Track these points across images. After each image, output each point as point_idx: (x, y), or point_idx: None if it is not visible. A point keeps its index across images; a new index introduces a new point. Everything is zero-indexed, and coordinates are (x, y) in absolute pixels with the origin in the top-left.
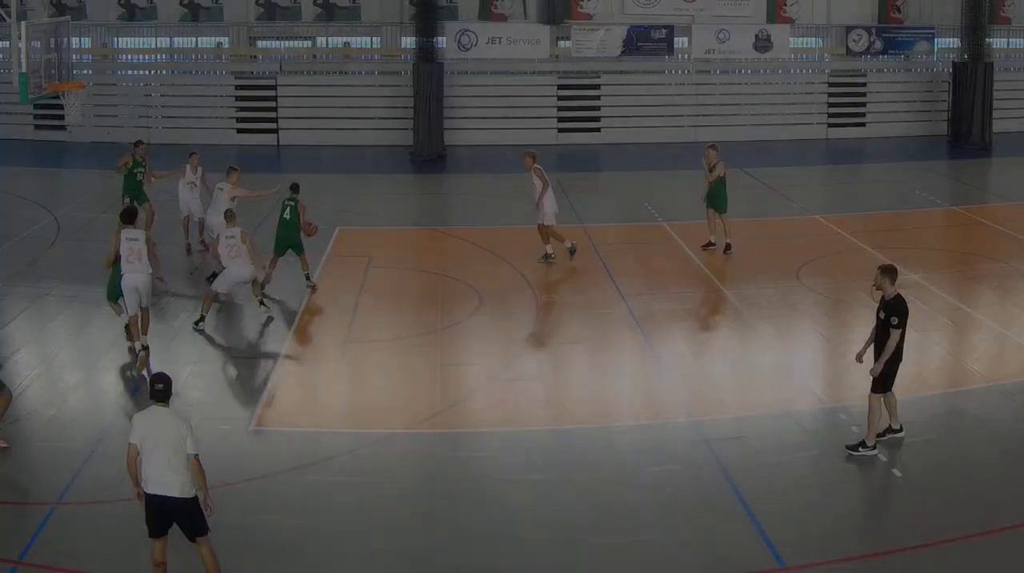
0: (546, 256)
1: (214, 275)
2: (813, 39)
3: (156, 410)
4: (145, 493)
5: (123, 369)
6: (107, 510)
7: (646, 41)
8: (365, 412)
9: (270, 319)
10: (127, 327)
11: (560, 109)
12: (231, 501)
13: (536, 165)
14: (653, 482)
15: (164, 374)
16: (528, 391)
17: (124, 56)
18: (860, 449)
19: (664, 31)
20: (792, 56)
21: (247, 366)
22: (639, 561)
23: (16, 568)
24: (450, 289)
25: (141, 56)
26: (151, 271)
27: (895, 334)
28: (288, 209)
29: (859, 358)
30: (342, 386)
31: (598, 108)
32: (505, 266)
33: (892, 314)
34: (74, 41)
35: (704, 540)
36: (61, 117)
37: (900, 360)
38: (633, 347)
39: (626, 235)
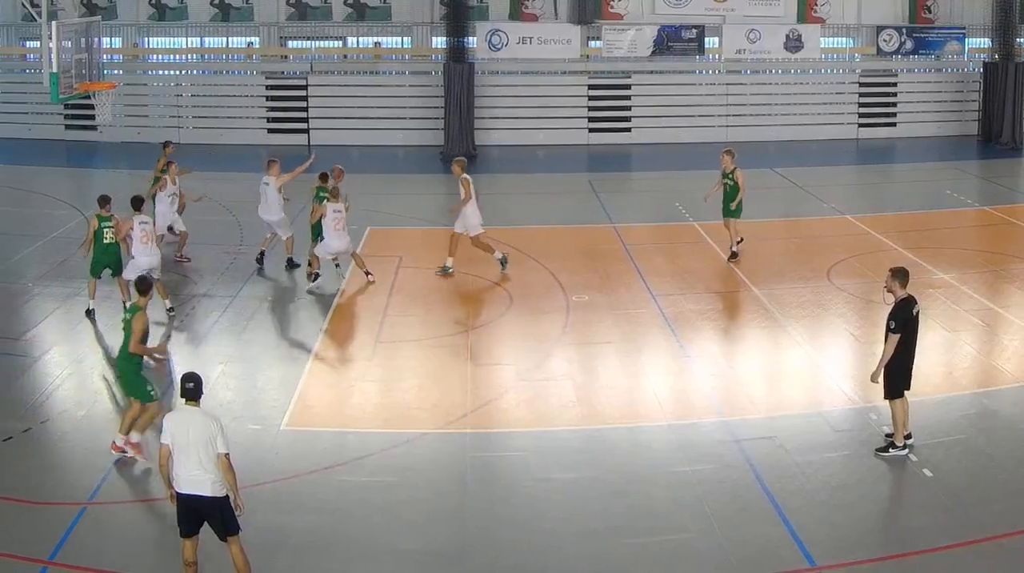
0: (503, 262)
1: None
2: (844, 39)
3: (186, 410)
4: (177, 492)
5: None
6: (137, 510)
7: (677, 41)
8: (395, 412)
9: (301, 316)
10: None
11: (591, 109)
12: (262, 501)
13: (465, 175)
14: (683, 482)
15: (195, 373)
16: (558, 391)
17: (154, 56)
18: (890, 449)
19: (695, 31)
20: (823, 56)
21: (278, 366)
22: (669, 561)
23: (47, 568)
24: (481, 289)
25: (171, 56)
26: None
27: (892, 338)
28: (323, 200)
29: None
30: (373, 386)
31: (629, 108)
32: (536, 266)
33: (890, 318)
34: (105, 41)
35: (734, 540)
36: (92, 117)
37: (906, 365)
38: (663, 347)
39: (656, 235)
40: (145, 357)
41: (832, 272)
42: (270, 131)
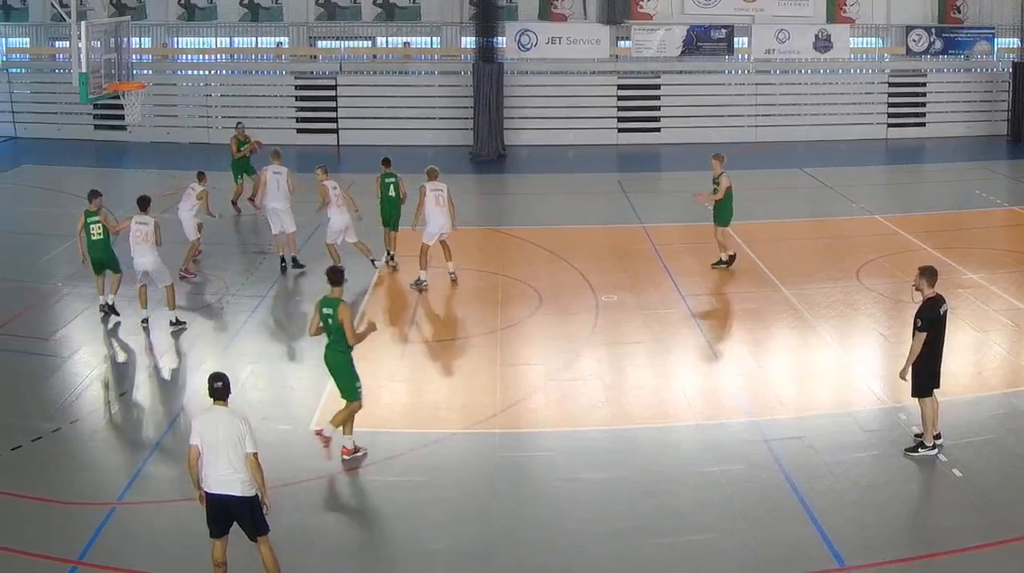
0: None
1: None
2: (873, 39)
3: (215, 410)
4: (206, 493)
5: (180, 368)
6: (167, 510)
7: (706, 41)
8: (424, 412)
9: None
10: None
11: (620, 109)
12: (291, 501)
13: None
14: (712, 482)
15: (222, 373)
16: (587, 391)
17: (184, 56)
18: (919, 449)
19: (724, 31)
20: (852, 56)
21: (307, 366)
22: (697, 561)
23: (76, 568)
24: (510, 289)
25: (201, 56)
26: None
27: (918, 337)
28: (392, 186)
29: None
30: (402, 386)
31: (658, 108)
32: (565, 266)
33: (917, 316)
34: (134, 41)
35: (764, 540)
36: (121, 117)
37: (934, 364)
38: (693, 347)
39: (686, 235)
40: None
41: (861, 272)
42: (299, 131)
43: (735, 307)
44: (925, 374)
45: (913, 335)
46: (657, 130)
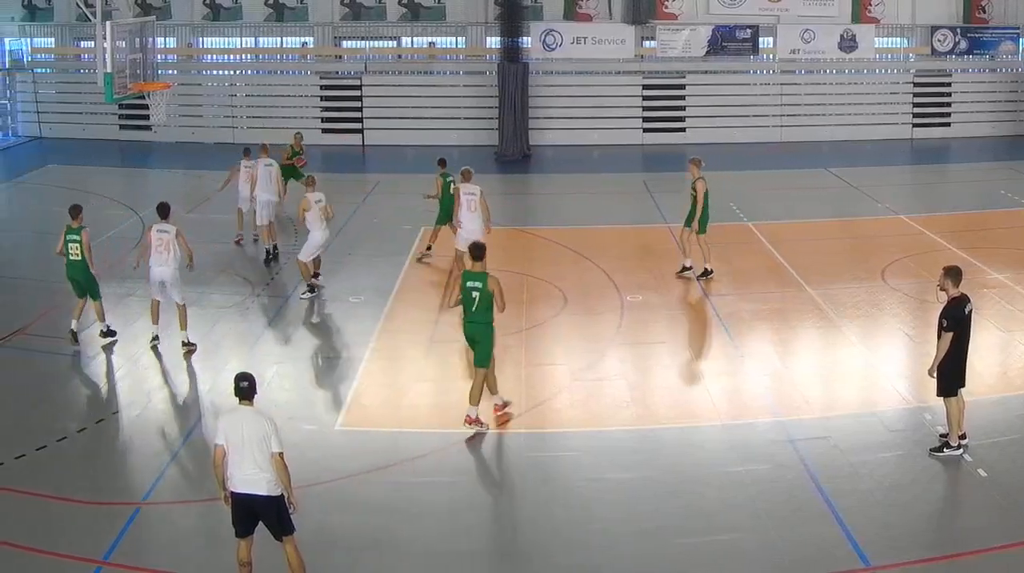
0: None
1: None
2: (898, 39)
3: (240, 409)
4: (232, 492)
5: (206, 369)
6: (192, 510)
7: (731, 41)
8: (450, 412)
9: (356, 315)
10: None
11: (645, 109)
12: (317, 501)
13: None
14: (737, 482)
15: (248, 373)
16: (612, 391)
17: (209, 56)
18: (945, 449)
19: (749, 31)
20: (877, 56)
21: (333, 366)
22: (723, 561)
23: (101, 567)
24: (535, 289)
25: (226, 56)
26: (179, 264)
27: (945, 337)
28: (451, 185)
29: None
30: (427, 386)
31: (683, 108)
32: (590, 266)
33: (943, 316)
34: (159, 41)
35: (789, 540)
36: (146, 117)
37: (960, 364)
38: (718, 347)
39: (711, 235)
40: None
41: (887, 272)
42: (324, 131)
43: (760, 307)
44: (951, 374)
45: (939, 335)
46: (682, 130)
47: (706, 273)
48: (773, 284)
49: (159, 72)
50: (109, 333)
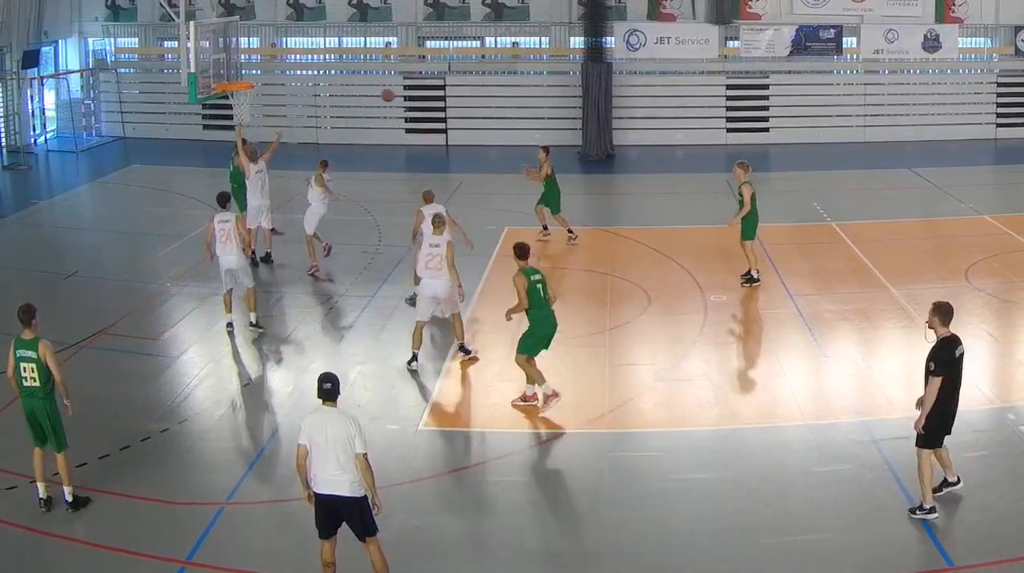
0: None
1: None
2: (982, 39)
3: (324, 410)
4: (315, 493)
5: (290, 369)
6: (275, 511)
7: (815, 41)
8: (532, 412)
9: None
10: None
11: (729, 109)
12: (399, 501)
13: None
14: (820, 482)
15: (332, 374)
16: (695, 391)
17: (292, 56)
18: (918, 512)
19: (832, 31)
20: (960, 56)
21: (415, 366)
22: (806, 560)
23: (185, 568)
24: (619, 289)
25: (309, 56)
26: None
27: (933, 382)
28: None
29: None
30: (510, 386)
31: (767, 108)
32: (674, 266)
33: (929, 359)
34: (242, 41)
35: (872, 540)
36: (229, 117)
37: (946, 414)
38: (801, 347)
39: (794, 235)
40: None
41: (970, 272)
42: (408, 131)
43: (843, 307)
44: (936, 423)
45: (926, 380)
46: (766, 130)
47: (751, 279)
48: (856, 284)
49: (242, 72)
50: (77, 503)
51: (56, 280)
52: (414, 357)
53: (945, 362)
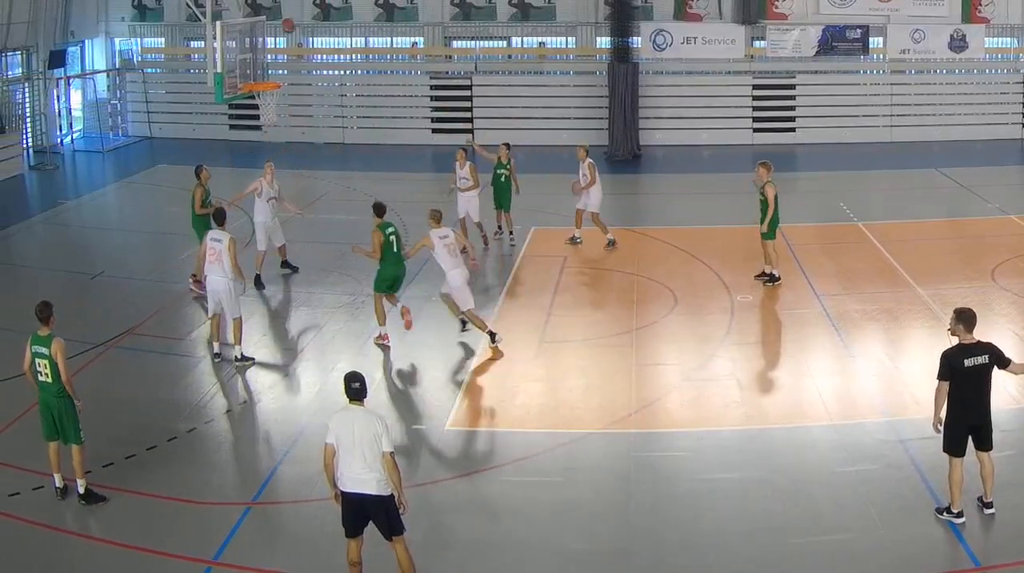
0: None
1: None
2: (1008, 39)
3: (351, 409)
4: (342, 492)
5: (316, 368)
6: (301, 510)
7: (841, 41)
8: (559, 412)
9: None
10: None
11: (755, 109)
12: (426, 501)
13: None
14: (847, 482)
15: (359, 373)
16: (722, 391)
17: (318, 56)
18: (944, 514)
19: (859, 31)
20: (987, 56)
21: (442, 366)
22: (832, 560)
23: (211, 568)
24: (645, 289)
25: (336, 56)
26: (232, 277)
27: (939, 386)
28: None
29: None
30: (537, 386)
31: (793, 108)
32: (701, 266)
33: (940, 362)
34: (269, 41)
35: (899, 540)
36: (256, 117)
37: (961, 420)
38: (828, 347)
39: (821, 235)
40: None
41: (996, 272)
42: (434, 131)
43: (869, 307)
44: (949, 431)
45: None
46: (792, 130)
47: (771, 278)
48: (883, 284)
49: (269, 72)
50: (89, 496)
51: (83, 280)
52: (492, 335)
53: (950, 367)
